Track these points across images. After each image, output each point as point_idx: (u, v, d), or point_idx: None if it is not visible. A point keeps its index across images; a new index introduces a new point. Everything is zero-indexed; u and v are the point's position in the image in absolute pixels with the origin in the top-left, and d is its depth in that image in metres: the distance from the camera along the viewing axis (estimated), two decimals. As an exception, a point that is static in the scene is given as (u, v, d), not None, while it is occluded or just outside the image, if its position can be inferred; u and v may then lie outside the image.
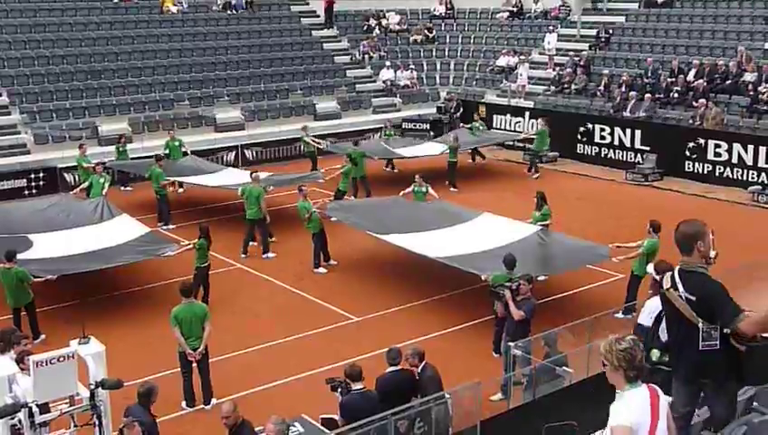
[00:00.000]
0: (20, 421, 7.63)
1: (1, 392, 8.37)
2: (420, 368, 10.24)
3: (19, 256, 14.77)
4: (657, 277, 9.99)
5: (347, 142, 25.92)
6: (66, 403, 7.91)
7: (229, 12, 33.94)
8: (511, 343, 11.17)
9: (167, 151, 23.86)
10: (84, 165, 22.22)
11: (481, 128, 28.46)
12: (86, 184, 20.81)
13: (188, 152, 24.46)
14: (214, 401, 12.00)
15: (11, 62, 28.00)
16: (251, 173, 19.55)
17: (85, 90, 27.97)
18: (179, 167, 22.98)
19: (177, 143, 24.33)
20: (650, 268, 10.47)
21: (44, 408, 7.66)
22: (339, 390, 9.82)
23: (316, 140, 26.16)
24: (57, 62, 28.63)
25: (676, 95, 26.72)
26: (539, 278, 14.75)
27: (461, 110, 30.91)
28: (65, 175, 24.29)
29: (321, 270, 17.58)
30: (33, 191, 23.75)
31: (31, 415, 7.51)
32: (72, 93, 27.68)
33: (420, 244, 15.96)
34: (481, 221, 17.41)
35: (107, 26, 31.09)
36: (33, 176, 24.00)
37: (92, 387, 7.93)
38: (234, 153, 27.36)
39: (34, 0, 30.99)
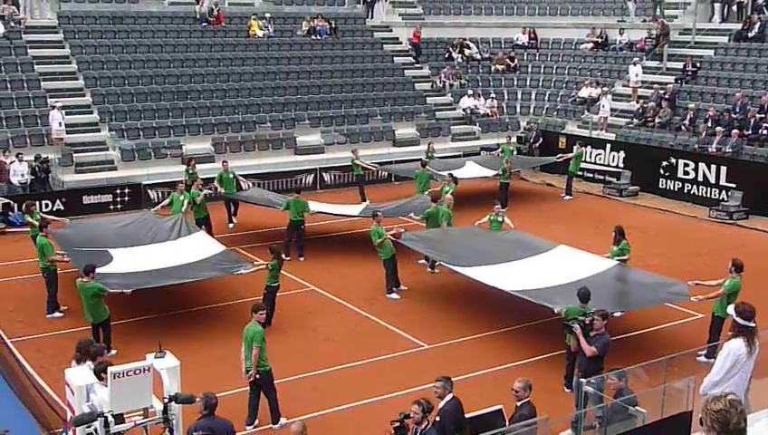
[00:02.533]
0: (96, 430, 7.86)
1: (79, 401, 8.64)
2: (521, 403, 10.06)
3: (99, 270, 15.18)
4: (738, 319, 9.79)
5: (412, 165, 26.03)
6: (140, 415, 8.12)
7: (313, 37, 34.55)
8: (583, 380, 10.98)
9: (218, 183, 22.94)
10: (195, 199, 21.08)
11: (513, 151, 28.37)
12: (167, 201, 21.33)
13: (251, 185, 23.92)
14: (283, 420, 12.12)
15: (102, 80, 29.04)
16: (432, 196, 19.85)
17: (171, 109, 28.81)
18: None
19: (230, 175, 22.96)
20: (731, 309, 10.19)
21: (119, 418, 7.87)
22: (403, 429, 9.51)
23: (365, 163, 26.39)
24: (146, 81, 29.59)
25: (765, 132, 26.07)
26: (614, 314, 14.51)
27: (540, 139, 30.73)
28: (149, 191, 25.03)
29: (395, 296, 17.62)
30: (119, 206, 24.49)
31: (106, 425, 7.73)
32: (158, 112, 28.54)
33: (495, 276, 15.84)
34: (557, 253, 17.23)
35: (195, 48, 32.01)
36: (118, 191, 24.76)
37: (166, 401, 8.12)
38: (312, 176, 27.73)
39: (127, 22, 32.16)
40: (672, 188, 26.63)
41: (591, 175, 28.80)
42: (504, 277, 15.73)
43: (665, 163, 26.74)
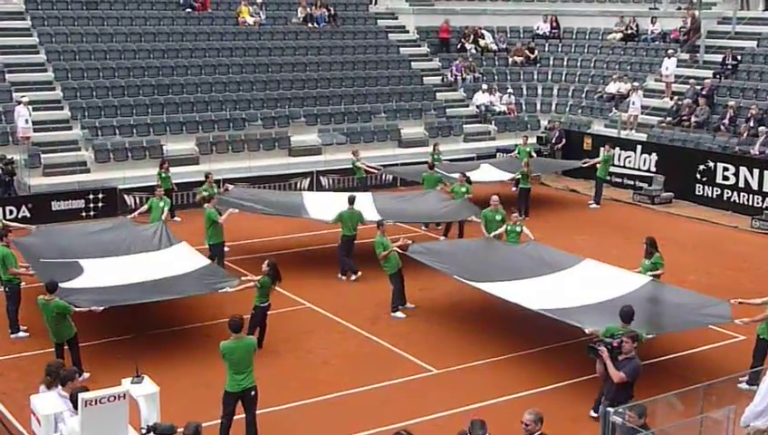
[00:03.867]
0: (65, 464, 7.85)
1: (46, 432, 8.64)
2: None
3: (67, 284, 15.21)
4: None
5: (420, 167, 26.05)
6: (115, 447, 8.11)
7: (310, 25, 34.61)
8: (610, 409, 10.95)
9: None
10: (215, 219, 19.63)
11: (532, 153, 28.61)
12: (145, 208, 21.32)
13: (230, 187, 22.99)
14: None
15: (74, 72, 29.10)
16: (493, 197, 20.15)
17: (151, 105, 28.84)
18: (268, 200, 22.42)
19: (214, 188, 22.28)
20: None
21: (92, 451, 7.86)
22: None
23: (368, 165, 26.48)
24: (123, 74, 29.63)
25: (813, 133, 26.09)
26: (647, 336, 14.47)
27: (563, 141, 30.73)
28: (126, 197, 25.05)
29: (400, 315, 17.58)
30: (92, 213, 24.49)
31: (77, 458, 7.72)
32: (137, 109, 28.58)
33: (517, 293, 15.81)
34: (583, 269, 17.20)
35: (177, 37, 32.08)
36: (91, 196, 24.76)
37: (144, 431, 8.12)
38: (308, 180, 27.73)
39: (102, 7, 32.24)
40: (710, 194, 26.60)
41: (620, 180, 28.79)
42: (527, 294, 15.68)
43: (702, 167, 26.72)
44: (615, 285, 16.01)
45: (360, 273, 19.64)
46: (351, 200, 20.16)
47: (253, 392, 12.12)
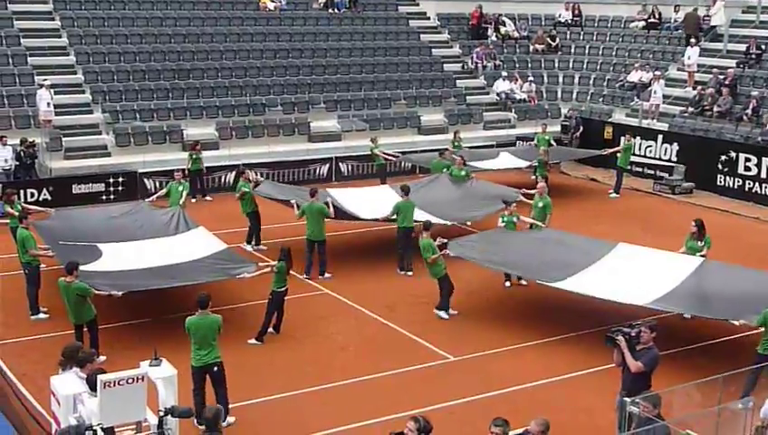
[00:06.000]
0: (83, 445, 7.90)
1: (65, 412, 8.70)
2: None
3: (86, 267, 15.30)
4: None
5: (428, 155, 25.98)
6: (132, 429, 8.16)
7: (330, 11, 34.58)
8: (627, 398, 10.91)
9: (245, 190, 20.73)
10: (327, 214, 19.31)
11: (551, 141, 28.57)
12: (164, 192, 21.37)
13: (261, 178, 22.41)
14: (231, 419, 12.36)
15: (96, 57, 29.19)
16: (540, 184, 20.03)
17: (171, 90, 28.92)
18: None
19: (249, 183, 20.96)
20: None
21: (110, 432, 7.91)
22: None
23: (387, 153, 26.45)
24: (144, 58, 29.72)
25: (837, 123, 25.90)
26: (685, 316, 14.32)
27: (581, 129, 30.62)
28: (146, 181, 25.16)
29: (444, 314, 16.96)
30: (112, 197, 24.61)
31: (95, 439, 7.78)
32: (157, 93, 28.66)
33: (605, 287, 15.42)
34: (625, 253, 16.96)
35: (198, 22, 32.12)
36: (112, 180, 24.87)
37: (161, 414, 8.16)
38: (327, 166, 27.76)
39: (124, -9, 32.32)
40: (732, 185, 26.46)
41: (641, 169, 28.66)
42: (613, 287, 15.35)
43: (724, 157, 26.56)
44: (677, 267, 15.97)
45: (411, 272, 19.13)
46: (406, 190, 19.62)
47: (216, 368, 12.27)
